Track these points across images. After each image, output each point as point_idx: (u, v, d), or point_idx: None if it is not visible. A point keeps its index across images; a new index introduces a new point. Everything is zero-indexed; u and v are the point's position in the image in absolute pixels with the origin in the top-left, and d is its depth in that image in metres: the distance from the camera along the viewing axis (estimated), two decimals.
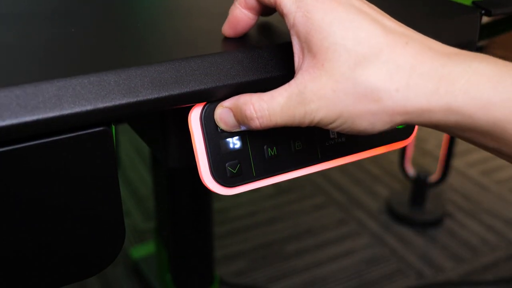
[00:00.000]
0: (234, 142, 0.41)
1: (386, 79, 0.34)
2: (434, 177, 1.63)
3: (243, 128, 0.39)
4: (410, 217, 1.63)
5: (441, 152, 1.60)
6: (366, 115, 0.35)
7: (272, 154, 0.42)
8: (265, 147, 0.42)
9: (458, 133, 0.35)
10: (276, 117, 0.37)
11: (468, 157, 2.01)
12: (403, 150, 1.66)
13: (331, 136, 0.45)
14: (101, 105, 0.34)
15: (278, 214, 1.68)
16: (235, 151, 0.41)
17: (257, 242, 1.56)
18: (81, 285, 1.39)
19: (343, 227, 1.63)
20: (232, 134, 0.41)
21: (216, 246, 1.50)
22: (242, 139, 0.41)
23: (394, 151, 2.01)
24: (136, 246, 1.47)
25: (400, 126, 0.47)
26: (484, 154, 2.02)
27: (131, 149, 2.02)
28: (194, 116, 0.39)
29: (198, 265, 1.14)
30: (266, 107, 0.37)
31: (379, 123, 0.36)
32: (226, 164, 0.41)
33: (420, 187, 1.64)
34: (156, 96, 0.36)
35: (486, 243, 1.56)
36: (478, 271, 1.46)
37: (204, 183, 0.41)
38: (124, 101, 0.35)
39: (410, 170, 1.66)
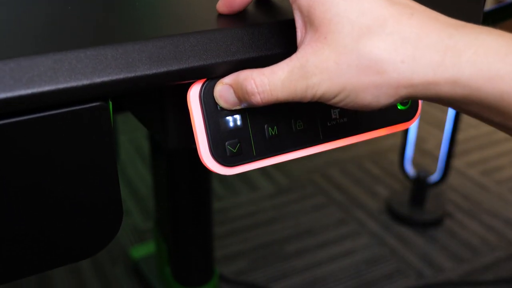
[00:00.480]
0: (234, 121, 0.40)
1: (391, 51, 0.33)
2: (434, 177, 1.63)
3: (243, 105, 0.39)
4: (410, 217, 1.63)
5: (441, 152, 1.60)
6: (370, 88, 0.34)
7: (273, 133, 0.42)
8: (265, 126, 0.41)
9: (464, 107, 0.34)
10: (277, 92, 0.36)
11: (468, 157, 2.00)
12: (403, 150, 1.66)
13: (333, 116, 0.44)
14: (98, 79, 0.33)
15: (278, 214, 1.68)
16: (235, 129, 0.40)
17: (257, 242, 1.55)
18: (80, 284, 1.39)
19: (343, 227, 1.63)
20: (232, 113, 0.40)
21: (216, 246, 1.49)
22: (242, 118, 0.40)
23: (394, 150, 2.01)
24: (136, 246, 1.46)
25: (403, 107, 0.47)
26: (484, 154, 2.02)
27: (131, 149, 2.02)
28: (193, 94, 0.39)
29: (197, 258, 1.14)
30: (267, 82, 0.36)
31: (383, 97, 0.35)
32: (226, 143, 0.40)
33: (420, 187, 1.64)
34: (154, 71, 0.35)
35: (486, 243, 1.56)
36: (478, 271, 1.45)
37: (203, 163, 0.40)
38: (121, 76, 0.34)
39: (410, 170, 1.66)
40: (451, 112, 1.50)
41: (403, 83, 0.34)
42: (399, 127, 0.47)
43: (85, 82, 0.33)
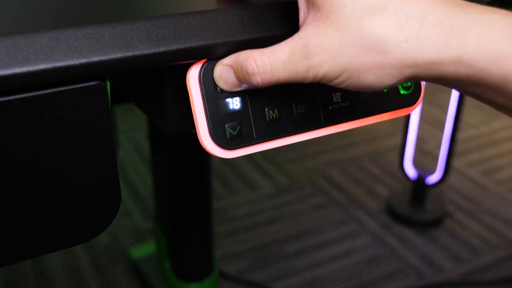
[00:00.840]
0: (234, 103, 0.39)
1: (395, 30, 0.33)
2: (434, 177, 1.63)
3: (243, 86, 0.38)
4: (410, 217, 1.63)
5: (441, 152, 1.59)
6: (373, 68, 0.34)
7: (274, 116, 0.41)
8: (266, 109, 0.41)
9: (468, 88, 0.34)
10: (278, 72, 0.36)
11: (468, 157, 2.00)
12: (403, 150, 1.66)
13: (335, 100, 0.43)
14: (95, 58, 0.33)
15: (278, 214, 1.68)
16: (235, 112, 0.39)
17: (257, 242, 1.55)
18: (80, 284, 1.39)
19: (343, 227, 1.63)
20: (232, 94, 0.39)
21: (216, 246, 1.49)
22: (242, 100, 0.40)
23: (394, 150, 2.01)
24: (136, 246, 1.46)
25: (405, 92, 0.46)
26: (484, 154, 2.02)
27: (131, 149, 2.02)
28: (193, 75, 0.38)
29: (197, 253, 1.13)
30: (268, 62, 0.36)
31: (386, 77, 0.34)
32: (226, 126, 0.39)
33: (420, 187, 1.64)
34: (152, 51, 0.34)
35: (486, 243, 1.55)
36: (478, 271, 1.45)
37: (203, 146, 0.39)
38: (119, 55, 0.33)
39: (410, 170, 1.66)
40: (451, 112, 1.50)
41: (407, 63, 0.33)
42: (401, 112, 0.46)
43: (82, 60, 0.32)
